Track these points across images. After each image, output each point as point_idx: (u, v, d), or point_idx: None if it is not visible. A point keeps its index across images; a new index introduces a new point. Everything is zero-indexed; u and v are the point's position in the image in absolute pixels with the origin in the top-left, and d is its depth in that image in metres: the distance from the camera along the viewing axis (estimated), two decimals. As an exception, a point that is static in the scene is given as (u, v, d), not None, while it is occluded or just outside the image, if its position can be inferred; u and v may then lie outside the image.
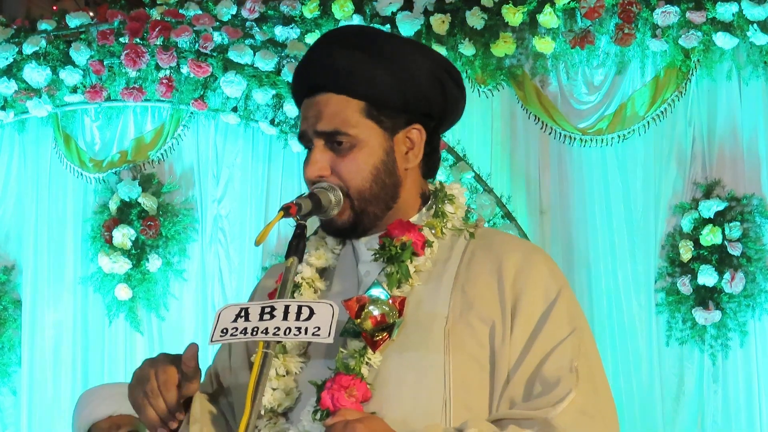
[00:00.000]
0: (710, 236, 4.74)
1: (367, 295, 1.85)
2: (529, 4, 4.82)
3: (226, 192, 5.35)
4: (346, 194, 1.91)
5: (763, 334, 4.74)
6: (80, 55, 5.11)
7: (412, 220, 1.96)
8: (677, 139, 4.91)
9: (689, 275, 4.77)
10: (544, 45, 4.86)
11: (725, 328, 4.73)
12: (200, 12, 5.12)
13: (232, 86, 4.99)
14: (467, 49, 4.90)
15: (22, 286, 5.48)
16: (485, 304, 1.88)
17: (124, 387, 3.22)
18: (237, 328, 1.70)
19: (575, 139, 4.99)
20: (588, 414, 1.80)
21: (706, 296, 4.75)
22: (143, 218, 5.28)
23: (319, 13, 5.05)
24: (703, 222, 4.79)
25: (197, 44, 5.02)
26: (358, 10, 4.99)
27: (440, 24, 4.90)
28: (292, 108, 4.97)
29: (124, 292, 5.26)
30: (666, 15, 4.68)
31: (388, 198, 1.94)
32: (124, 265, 5.25)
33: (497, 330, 1.86)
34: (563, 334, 1.85)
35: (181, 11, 5.13)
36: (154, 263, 5.27)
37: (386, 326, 1.83)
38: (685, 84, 4.87)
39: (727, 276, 4.70)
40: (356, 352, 1.82)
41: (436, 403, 1.82)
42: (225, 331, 1.71)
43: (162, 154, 5.39)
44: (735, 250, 4.72)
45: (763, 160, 4.82)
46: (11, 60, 5.15)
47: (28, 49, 5.13)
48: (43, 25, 5.25)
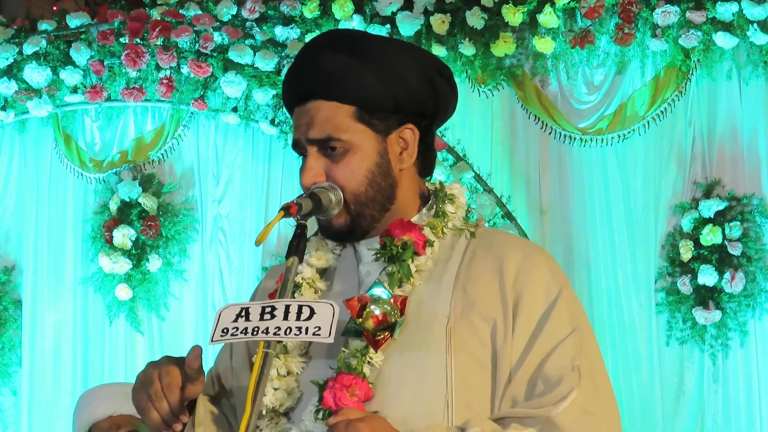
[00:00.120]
0: (710, 236, 4.74)
1: (368, 294, 1.85)
2: (529, 4, 4.82)
3: (227, 192, 5.35)
4: (343, 199, 1.91)
5: (764, 334, 4.73)
6: (80, 55, 5.11)
7: (412, 220, 1.95)
8: (677, 139, 4.91)
9: (689, 275, 4.77)
10: (544, 45, 4.86)
11: (725, 328, 4.72)
12: (200, 12, 5.12)
13: (233, 86, 4.98)
14: (467, 49, 4.90)
15: (23, 286, 5.47)
16: (486, 303, 1.88)
17: (124, 387, 3.25)
18: (237, 328, 1.70)
19: (575, 138, 4.99)
20: (590, 412, 1.80)
21: (706, 296, 4.74)
22: (143, 218, 5.28)
23: (319, 13, 5.04)
24: (703, 222, 4.79)
25: (197, 44, 5.01)
26: (358, 10, 4.99)
27: (440, 24, 4.90)
28: (291, 108, 4.96)
29: (124, 292, 5.26)
30: (666, 15, 4.68)
31: (385, 200, 1.94)
32: (124, 266, 5.25)
33: (499, 329, 1.86)
34: (565, 333, 1.85)
35: (181, 11, 5.13)
36: (154, 263, 5.27)
37: (388, 325, 1.83)
38: (685, 84, 4.86)
39: (727, 276, 4.70)
40: (358, 352, 1.83)
41: (437, 402, 1.82)
42: (225, 330, 1.71)
43: (162, 154, 5.39)
44: (735, 249, 4.72)
45: (763, 160, 4.81)
46: (11, 60, 5.15)
47: (28, 50, 5.13)
48: (43, 26, 5.24)
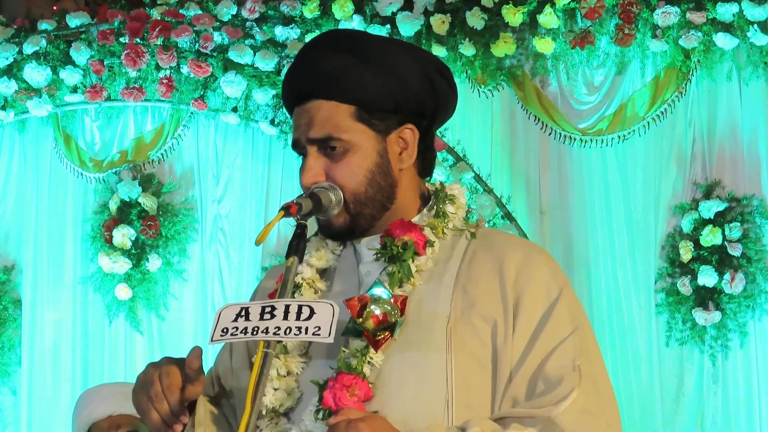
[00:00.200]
0: (710, 237, 4.74)
1: (368, 294, 1.85)
2: (530, 4, 4.82)
3: (226, 192, 5.34)
4: (342, 198, 1.91)
5: (763, 335, 4.73)
6: (80, 55, 5.10)
7: (413, 221, 1.95)
8: (677, 140, 4.91)
9: (689, 276, 4.77)
10: (545, 45, 4.86)
11: (725, 329, 4.72)
12: (200, 12, 5.12)
13: (232, 86, 4.98)
14: (467, 49, 4.90)
15: (22, 285, 5.47)
16: (487, 303, 1.88)
17: (123, 387, 3.25)
18: (237, 328, 1.70)
19: (575, 139, 4.99)
20: (590, 412, 1.81)
21: (706, 297, 4.74)
22: (143, 218, 5.27)
23: (319, 13, 5.04)
24: (703, 222, 4.78)
25: (197, 44, 5.01)
26: (358, 10, 4.99)
27: (440, 24, 4.90)
28: (291, 108, 4.96)
29: (123, 291, 5.26)
30: (666, 15, 4.68)
31: (384, 199, 1.94)
32: (124, 265, 5.25)
33: (499, 329, 1.86)
34: (565, 333, 1.86)
35: (181, 11, 5.13)
36: (154, 263, 5.27)
37: (388, 325, 1.83)
38: (686, 84, 4.86)
39: (727, 277, 4.70)
40: (358, 352, 1.83)
41: (437, 402, 1.82)
42: (225, 330, 1.71)
43: (162, 154, 5.39)
44: (735, 250, 4.72)
45: (764, 161, 4.81)
46: (11, 60, 5.15)
47: (28, 49, 5.13)
48: (43, 25, 5.24)
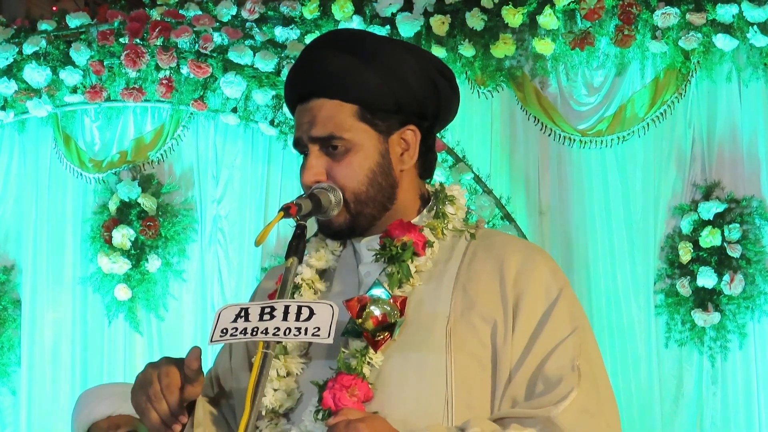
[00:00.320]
0: (709, 238, 4.74)
1: (368, 295, 1.85)
2: (529, 5, 4.82)
3: (226, 192, 5.34)
4: (342, 198, 1.91)
5: (762, 336, 4.73)
6: (80, 55, 5.10)
7: (413, 222, 1.96)
8: (677, 141, 4.91)
9: (688, 277, 4.77)
10: (544, 46, 4.86)
11: (724, 330, 4.72)
12: (200, 12, 5.11)
13: (232, 87, 4.98)
14: (467, 50, 4.90)
15: (22, 286, 5.47)
16: (487, 304, 1.88)
17: (123, 387, 3.25)
18: (237, 329, 1.70)
19: (575, 140, 4.99)
20: (590, 412, 1.81)
21: (705, 298, 4.74)
22: (143, 218, 5.27)
23: (318, 14, 5.04)
24: (702, 224, 4.79)
25: (197, 45, 5.01)
26: (358, 11, 4.99)
27: (440, 25, 4.90)
28: (291, 109, 4.96)
29: (123, 292, 5.26)
30: (666, 16, 4.68)
31: (385, 200, 1.94)
32: (123, 266, 5.25)
33: (499, 329, 1.86)
34: (565, 333, 1.86)
35: (181, 12, 5.13)
36: (153, 263, 5.27)
37: (387, 326, 1.83)
38: (685, 85, 4.86)
39: (726, 278, 4.70)
40: (358, 352, 1.83)
41: (437, 402, 1.82)
42: (225, 331, 1.71)
43: (162, 155, 5.39)
44: (734, 251, 4.72)
45: (763, 162, 4.81)
46: (11, 60, 5.15)
47: (28, 50, 5.13)
48: (43, 26, 5.24)
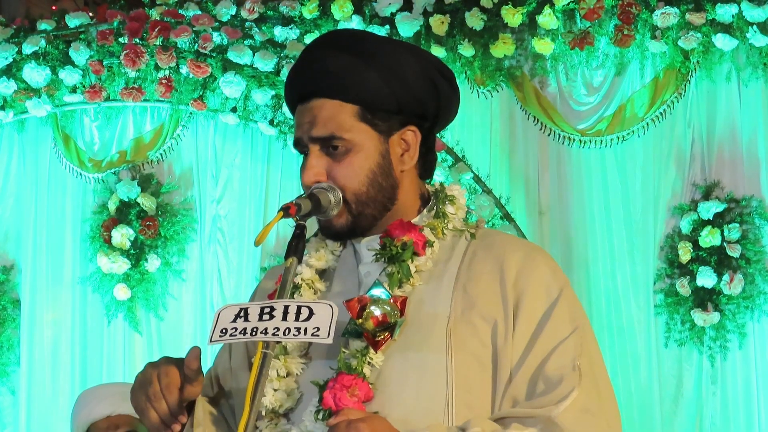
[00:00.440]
0: (709, 238, 4.74)
1: (368, 295, 1.85)
2: (529, 5, 4.82)
3: (225, 192, 5.34)
4: (343, 198, 1.91)
5: (762, 336, 4.73)
6: (80, 55, 5.10)
7: (413, 222, 1.96)
8: (676, 141, 4.91)
9: (688, 277, 4.77)
10: (544, 46, 4.86)
11: (724, 330, 4.72)
12: (200, 12, 5.11)
13: (232, 87, 4.98)
14: (466, 50, 4.90)
15: (21, 285, 5.47)
16: (487, 303, 1.88)
17: (122, 387, 3.25)
18: (236, 329, 1.70)
19: (574, 140, 4.99)
20: (590, 412, 1.81)
21: (704, 298, 4.74)
22: (142, 218, 5.27)
23: (318, 13, 5.04)
24: (702, 223, 4.78)
25: (196, 44, 5.01)
26: (358, 10, 4.99)
27: (439, 25, 4.90)
28: (291, 108, 4.96)
29: (122, 292, 5.26)
30: (665, 16, 4.68)
31: (386, 200, 1.94)
32: (122, 265, 5.25)
33: (499, 329, 1.86)
34: (565, 333, 1.86)
35: (180, 11, 5.13)
36: (152, 263, 5.26)
37: (388, 326, 1.83)
38: (685, 85, 4.86)
39: (725, 277, 4.70)
40: (358, 352, 1.83)
41: (438, 402, 1.82)
42: (224, 331, 1.71)
43: (161, 155, 5.39)
44: (734, 251, 4.72)
45: (763, 162, 4.81)
46: (11, 60, 5.15)
47: (27, 49, 5.13)
48: (42, 25, 5.24)
